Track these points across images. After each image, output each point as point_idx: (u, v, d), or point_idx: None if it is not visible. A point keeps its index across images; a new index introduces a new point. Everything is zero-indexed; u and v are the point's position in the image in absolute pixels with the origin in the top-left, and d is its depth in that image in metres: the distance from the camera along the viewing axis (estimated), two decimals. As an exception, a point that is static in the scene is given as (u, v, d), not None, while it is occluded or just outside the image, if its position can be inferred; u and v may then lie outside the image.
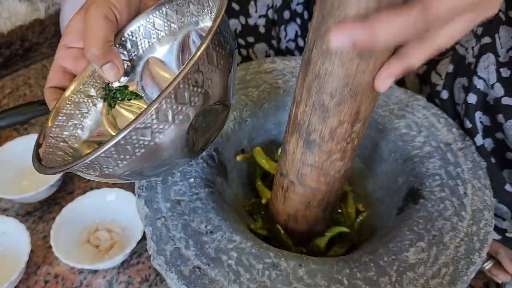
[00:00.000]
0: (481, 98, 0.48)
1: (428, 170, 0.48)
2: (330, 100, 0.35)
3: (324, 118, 0.36)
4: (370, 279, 0.39)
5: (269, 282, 0.39)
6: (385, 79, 0.32)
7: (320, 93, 0.35)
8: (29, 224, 0.68)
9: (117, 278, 0.62)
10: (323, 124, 0.37)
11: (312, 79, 0.35)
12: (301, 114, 0.38)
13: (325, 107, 0.36)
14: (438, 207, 0.45)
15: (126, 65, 0.45)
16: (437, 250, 0.41)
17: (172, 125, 0.33)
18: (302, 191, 0.44)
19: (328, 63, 0.33)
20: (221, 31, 0.35)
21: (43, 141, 0.41)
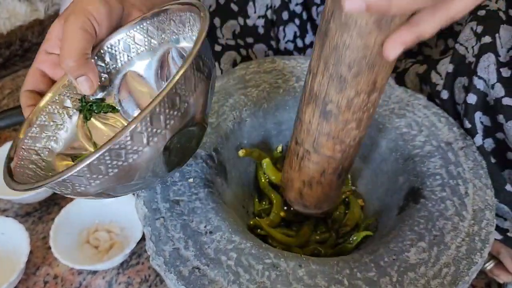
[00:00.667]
0: (481, 98, 0.48)
1: (429, 169, 0.48)
2: (347, 72, 0.35)
3: (341, 89, 0.37)
4: (370, 280, 0.39)
5: (269, 283, 0.38)
6: (395, 46, 0.31)
7: (337, 64, 0.35)
8: (28, 225, 0.67)
9: (116, 279, 0.62)
10: (340, 95, 0.37)
11: (329, 51, 0.35)
12: (318, 85, 0.38)
13: (343, 78, 0.36)
14: (439, 206, 0.44)
15: (103, 77, 0.45)
16: (438, 250, 0.41)
17: (146, 147, 0.33)
18: (318, 159, 0.43)
19: (346, 35, 0.33)
20: (200, 55, 0.35)
21: (14, 154, 0.40)
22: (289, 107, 0.55)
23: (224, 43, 0.65)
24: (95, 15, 0.41)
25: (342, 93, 0.37)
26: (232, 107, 0.53)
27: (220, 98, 0.54)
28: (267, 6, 0.70)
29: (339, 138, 0.41)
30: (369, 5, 0.27)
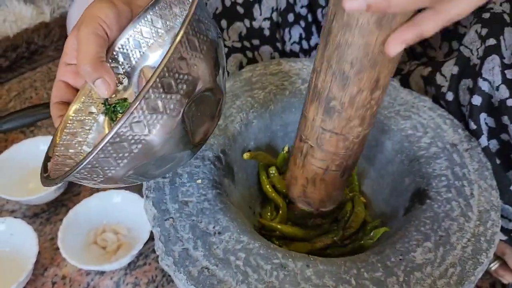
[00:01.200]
0: (486, 99, 0.48)
1: (434, 170, 0.48)
2: (350, 69, 0.36)
3: (344, 86, 0.38)
4: (377, 279, 0.39)
5: (277, 283, 0.39)
6: (396, 44, 0.32)
7: (340, 62, 0.36)
8: (36, 226, 0.68)
9: (124, 280, 0.63)
10: (343, 92, 0.38)
11: (332, 50, 0.36)
12: (321, 82, 0.39)
13: (345, 76, 0.37)
14: (445, 207, 0.45)
15: (121, 78, 0.45)
16: (444, 250, 0.42)
17: (164, 116, 0.33)
18: (321, 156, 0.44)
19: (348, 34, 0.34)
20: (199, 18, 0.35)
21: (52, 154, 0.41)
22: (295, 109, 0.56)
23: (230, 45, 0.66)
24: (105, 19, 0.42)
25: (344, 90, 0.38)
26: (239, 109, 0.54)
27: (227, 100, 0.55)
28: (273, 8, 0.71)
29: (342, 135, 0.42)
30: (369, 5, 0.28)
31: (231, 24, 0.68)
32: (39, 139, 0.74)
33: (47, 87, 0.92)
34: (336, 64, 0.37)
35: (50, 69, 0.95)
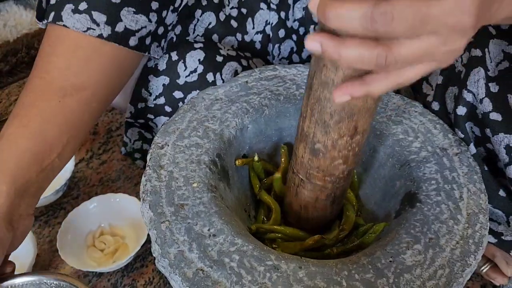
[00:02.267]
0: (470, 110, 0.49)
1: (424, 174, 0.49)
2: (330, 119, 0.40)
3: (326, 132, 0.41)
4: (368, 281, 0.40)
5: (270, 284, 0.40)
6: (342, 95, 0.34)
7: (321, 113, 0.40)
8: (35, 229, 0.69)
9: (121, 281, 0.63)
10: (326, 137, 0.42)
11: (314, 102, 0.40)
12: (307, 127, 0.43)
13: (326, 124, 0.40)
14: (435, 210, 0.46)
15: None
16: (433, 252, 0.43)
17: None
18: (311, 188, 0.47)
19: (326, 91, 0.38)
20: None
21: None
22: (290, 114, 0.57)
23: (225, 53, 0.67)
24: None
25: (327, 135, 0.42)
26: (234, 114, 0.55)
27: (222, 105, 0.56)
28: (266, 21, 0.71)
29: (328, 171, 0.45)
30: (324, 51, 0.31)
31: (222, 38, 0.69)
32: (38, 143, 0.75)
33: (47, 91, 0.93)
34: (318, 114, 0.41)
35: (49, 73, 0.97)
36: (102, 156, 0.81)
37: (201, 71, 0.64)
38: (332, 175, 0.45)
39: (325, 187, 0.47)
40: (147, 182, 0.47)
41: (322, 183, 0.46)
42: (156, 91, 0.65)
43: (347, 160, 0.44)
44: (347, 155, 0.43)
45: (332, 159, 0.43)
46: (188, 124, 0.53)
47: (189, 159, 0.49)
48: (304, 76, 0.60)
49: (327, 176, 0.45)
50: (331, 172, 0.45)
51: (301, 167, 0.47)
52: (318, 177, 0.46)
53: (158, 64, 0.65)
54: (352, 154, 0.43)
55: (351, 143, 0.42)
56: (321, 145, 0.42)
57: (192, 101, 0.56)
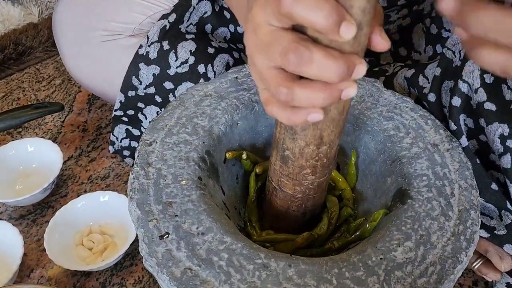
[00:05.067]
0: (465, 101, 0.49)
1: (416, 170, 0.49)
2: (296, 125, 0.40)
3: (294, 139, 0.42)
4: (358, 279, 0.40)
5: (259, 283, 0.39)
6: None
7: None
8: (22, 228, 0.68)
9: (110, 280, 0.63)
10: (293, 144, 0.42)
11: None
12: (278, 133, 0.43)
13: (293, 131, 0.41)
14: (426, 207, 0.45)
15: None
16: (425, 249, 0.42)
17: None
18: (282, 196, 0.48)
19: None
20: None
21: None
22: (280, 110, 0.56)
23: (217, 45, 0.66)
24: None
25: (294, 142, 0.42)
26: (224, 110, 0.54)
27: (212, 102, 0.55)
28: None
29: (297, 180, 0.45)
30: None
31: (215, 29, 0.69)
32: (26, 141, 0.74)
33: (35, 88, 0.91)
34: None
35: (38, 70, 0.95)
36: (91, 154, 0.79)
37: (192, 63, 0.64)
38: (301, 184, 0.45)
39: (295, 197, 0.47)
40: (134, 180, 0.46)
41: (292, 192, 0.47)
42: (147, 80, 0.65)
43: (315, 170, 0.44)
44: (315, 165, 0.43)
45: (300, 168, 0.44)
46: (177, 120, 0.52)
47: (178, 156, 0.49)
48: (295, 71, 0.60)
49: (297, 186, 0.46)
50: (300, 181, 0.45)
51: (274, 174, 0.47)
52: (288, 186, 0.46)
53: (149, 52, 0.64)
54: (320, 164, 0.43)
55: (318, 152, 0.42)
56: (290, 152, 0.43)
57: (181, 97, 0.55)
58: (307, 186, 0.46)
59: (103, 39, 0.67)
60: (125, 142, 0.73)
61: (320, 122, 0.39)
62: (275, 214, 0.50)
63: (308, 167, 0.43)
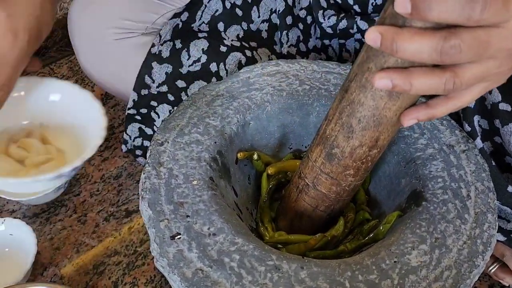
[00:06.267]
0: (479, 102, 0.48)
1: (431, 172, 0.48)
2: (357, 124, 0.41)
3: (349, 138, 0.42)
4: (372, 282, 0.39)
5: (271, 285, 0.39)
6: (410, 119, 0.38)
7: (350, 116, 0.41)
8: (36, 226, 0.68)
9: (122, 280, 0.63)
10: (346, 142, 0.42)
11: (346, 104, 0.41)
12: (330, 130, 0.43)
13: (352, 129, 0.41)
14: (441, 209, 0.45)
15: None
16: (440, 253, 0.41)
17: None
18: (314, 195, 0.48)
19: (362, 95, 0.39)
20: None
21: None
22: (293, 110, 0.56)
23: (229, 44, 0.66)
24: None
25: (348, 141, 0.42)
26: (236, 110, 0.54)
27: (224, 101, 0.55)
28: (271, 10, 0.71)
29: (337, 180, 0.45)
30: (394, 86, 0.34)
31: (228, 27, 0.68)
32: (39, 140, 0.74)
33: (49, 87, 0.92)
34: (346, 117, 0.41)
35: (52, 70, 0.96)
36: (104, 153, 0.80)
37: (205, 61, 0.64)
38: (339, 185, 0.45)
39: (328, 197, 0.47)
40: (146, 180, 0.46)
41: (326, 192, 0.47)
42: (159, 78, 0.65)
43: (358, 172, 0.44)
44: (360, 167, 0.43)
45: (344, 168, 0.44)
46: (188, 120, 0.52)
47: (189, 156, 0.48)
48: (308, 71, 0.59)
49: (334, 186, 0.46)
50: (339, 182, 0.45)
51: (311, 171, 0.46)
52: (325, 185, 0.46)
53: (161, 51, 0.64)
54: (365, 167, 0.44)
55: (368, 155, 0.42)
56: (339, 150, 0.43)
57: (192, 97, 0.55)
58: (344, 187, 0.46)
59: (116, 37, 0.67)
60: (138, 141, 0.73)
61: (383, 124, 0.39)
62: (298, 212, 0.50)
63: (353, 168, 0.44)
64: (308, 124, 0.57)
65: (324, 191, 0.47)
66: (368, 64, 0.37)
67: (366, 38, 0.33)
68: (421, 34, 0.31)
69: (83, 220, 0.70)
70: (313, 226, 0.51)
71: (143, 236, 0.68)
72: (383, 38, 0.32)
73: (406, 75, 0.33)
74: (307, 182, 0.47)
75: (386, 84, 0.34)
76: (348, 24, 0.65)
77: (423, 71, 0.33)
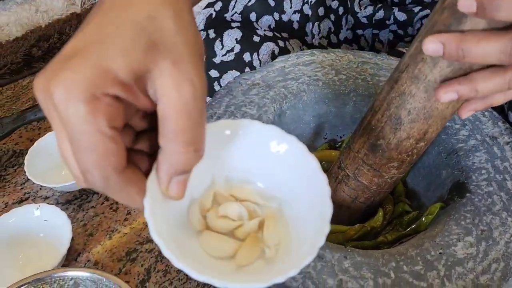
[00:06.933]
0: None
1: (474, 164, 0.47)
2: (406, 116, 0.40)
3: (396, 129, 0.41)
4: (417, 273, 0.39)
5: (314, 273, 0.39)
6: (468, 111, 0.37)
7: (399, 108, 0.40)
8: (69, 212, 0.69)
9: (154, 267, 0.63)
10: (393, 134, 0.41)
11: (395, 96, 0.40)
12: (376, 121, 0.42)
13: (400, 121, 0.40)
14: (486, 201, 0.44)
15: None
16: (487, 245, 0.41)
17: None
18: (354, 186, 0.47)
19: (414, 86, 0.38)
20: None
21: None
22: (329, 100, 0.55)
23: (262, 34, 0.66)
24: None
25: (395, 133, 0.41)
26: (272, 99, 0.53)
27: (260, 91, 0.54)
28: (303, 1, 0.70)
29: (379, 172, 0.44)
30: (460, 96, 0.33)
31: (260, 17, 0.68)
32: (71, 128, 0.75)
33: (78, 77, 0.93)
34: (394, 109, 0.40)
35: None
36: (134, 142, 0.80)
37: (238, 51, 0.63)
38: (381, 177, 0.45)
39: (369, 188, 0.46)
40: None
41: (367, 183, 0.46)
42: None
43: (402, 165, 0.43)
44: (405, 159, 0.43)
45: (388, 160, 0.43)
46: (225, 109, 0.52)
47: (228, 145, 0.48)
48: (344, 61, 0.58)
49: (376, 177, 0.45)
50: (382, 174, 0.44)
51: (352, 161, 0.46)
52: (367, 176, 0.45)
53: None
54: (409, 160, 0.43)
55: (414, 147, 0.41)
56: (385, 142, 0.42)
57: (228, 85, 0.55)
58: (386, 179, 0.45)
59: None
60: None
61: (433, 116, 0.39)
62: (336, 203, 0.49)
63: (397, 161, 0.43)
64: (344, 114, 0.56)
65: (365, 183, 0.46)
66: (422, 55, 0.36)
67: (425, 49, 0.32)
68: (487, 37, 0.30)
69: (115, 208, 0.71)
70: (350, 218, 0.50)
71: (174, 225, 0.68)
72: (445, 47, 0.31)
73: (470, 83, 0.33)
74: (348, 172, 0.47)
75: (452, 97, 0.34)
76: (385, 15, 0.64)
77: (486, 75, 0.32)
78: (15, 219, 0.64)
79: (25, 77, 0.92)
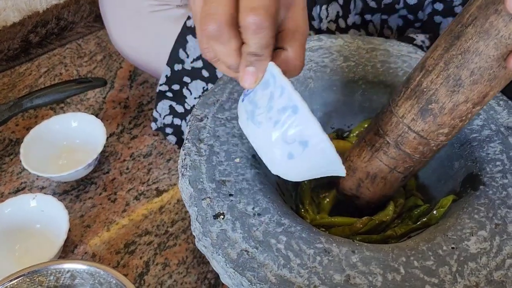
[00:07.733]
0: None
1: (488, 155, 0.45)
2: (468, 77, 0.35)
3: (453, 92, 0.36)
4: (428, 268, 0.37)
5: (321, 268, 0.37)
6: None
7: (461, 68, 0.35)
8: (66, 203, 0.67)
9: (153, 260, 0.62)
10: (449, 98, 0.37)
11: (456, 54, 0.36)
12: (429, 82, 0.38)
13: (460, 82, 0.36)
14: (501, 194, 0.42)
15: None
16: (501, 240, 0.39)
17: None
18: (394, 155, 0.42)
19: (482, 43, 0.34)
20: None
21: None
22: (337, 88, 0.53)
23: None
24: None
25: (451, 96, 0.37)
26: (277, 86, 0.51)
27: (264, 77, 0.52)
28: None
29: (426, 139, 0.40)
30: None
31: None
32: (70, 115, 0.73)
33: (77, 64, 0.91)
34: (454, 68, 0.36)
35: (79, 45, 0.94)
36: (133, 131, 0.78)
37: None
38: (428, 144, 0.40)
39: (411, 157, 0.42)
40: (186, 156, 0.44)
41: (411, 152, 0.41)
42: (194, 53, 0.62)
43: (452, 131, 0.39)
44: (457, 125, 0.38)
45: (439, 126, 0.38)
46: (228, 96, 0.50)
47: (231, 133, 0.46)
48: (353, 47, 0.56)
49: (421, 145, 0.40)
50: (428, 141, 0.40)
51: (395, 128, 0.41)
52: (411, 144, 0.41)
53: None
54: (461, 126, 0.39)
55: (469, 112, 0.37)
56: (438, 106, 0.37)
57: (231, 72, 0.53)
58: (432, 147, 0.40)
59: (151, 9, 0.64)
60: (168, 119, 0.71)
61: (498, 78, 0.34)
62: (371, 173, 0.45)
63: (448, 127, 0.39)
64: (352, 102, 0.54)
65: (408, 151, 0.41)
66: (497, 5, 0.31)
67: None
68: None
69: (113, 198, 0.69)
70: (384, 188, 0.46)
71: (174, 216, 0.66)
72: None
73: None
74: (388, 140, 0.42)
75: None
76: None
77: None
78: (11, 209, 0.62)
79: (22, 63, 0.90)
